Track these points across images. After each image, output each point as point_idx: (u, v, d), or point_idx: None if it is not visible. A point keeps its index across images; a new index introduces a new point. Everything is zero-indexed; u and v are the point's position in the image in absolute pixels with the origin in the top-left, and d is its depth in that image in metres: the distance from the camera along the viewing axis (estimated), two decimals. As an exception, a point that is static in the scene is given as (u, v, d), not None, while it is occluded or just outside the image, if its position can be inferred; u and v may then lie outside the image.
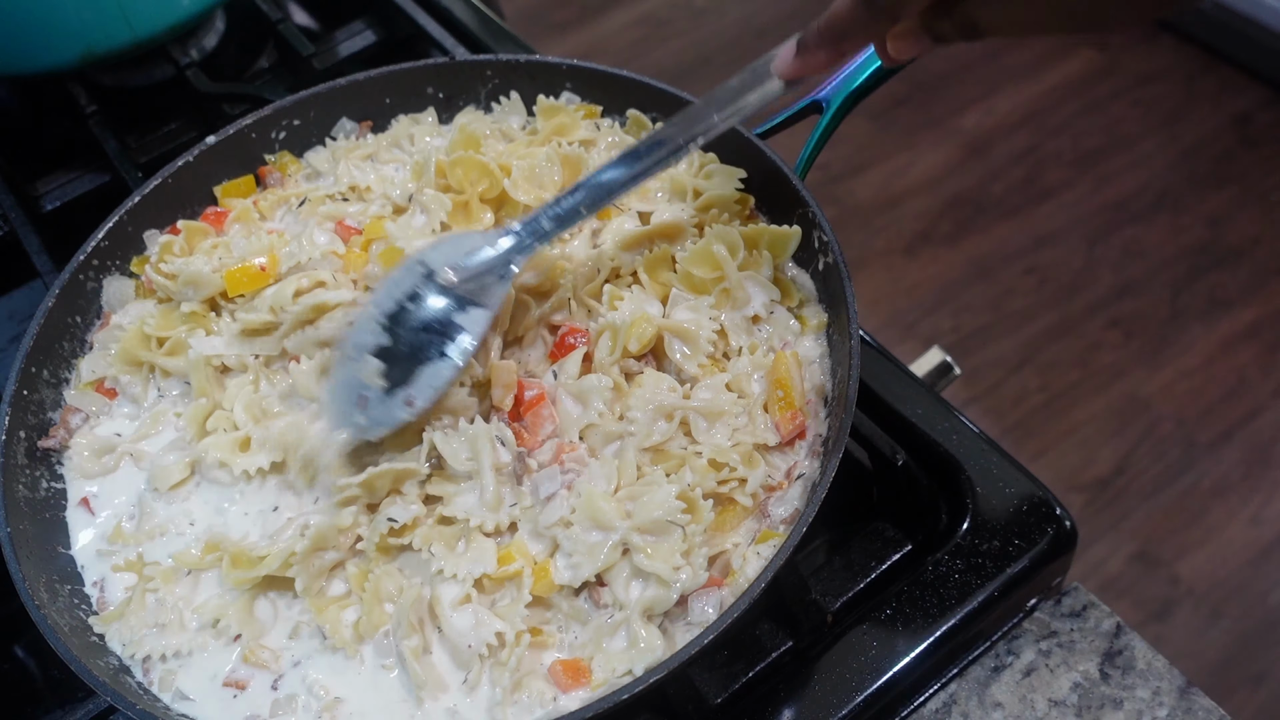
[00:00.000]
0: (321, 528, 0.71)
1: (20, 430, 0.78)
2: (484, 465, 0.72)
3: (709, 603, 0.68)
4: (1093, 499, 2.16)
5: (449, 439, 0.73)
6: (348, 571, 0.73)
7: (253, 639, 0.71)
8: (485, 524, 0.72)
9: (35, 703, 0.87)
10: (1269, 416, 2.25)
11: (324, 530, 0.71)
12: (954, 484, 0.83)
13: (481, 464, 0.72)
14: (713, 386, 0.75)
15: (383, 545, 0.72)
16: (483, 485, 0.72)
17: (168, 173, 0.90)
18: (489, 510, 0.72)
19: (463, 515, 0.72)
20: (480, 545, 0.71)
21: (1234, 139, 2.73)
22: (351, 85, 0.94)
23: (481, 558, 0.70)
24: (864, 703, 0.74)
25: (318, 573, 0.72)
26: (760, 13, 3.12)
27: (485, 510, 0.72)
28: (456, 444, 0.73)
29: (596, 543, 0.69)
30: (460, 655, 0.68)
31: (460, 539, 0.72)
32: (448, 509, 0.72)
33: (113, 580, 0.75)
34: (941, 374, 0.98)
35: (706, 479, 0.72)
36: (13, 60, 1.10)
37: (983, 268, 2.53)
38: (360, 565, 0.73)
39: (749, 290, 0.78)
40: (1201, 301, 2.44)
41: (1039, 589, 0.81)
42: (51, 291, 0.83)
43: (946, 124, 2.80)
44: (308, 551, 0.71)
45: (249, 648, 0.71)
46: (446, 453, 0.73)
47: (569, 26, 3.15)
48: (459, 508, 0.72)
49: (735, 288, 0.78)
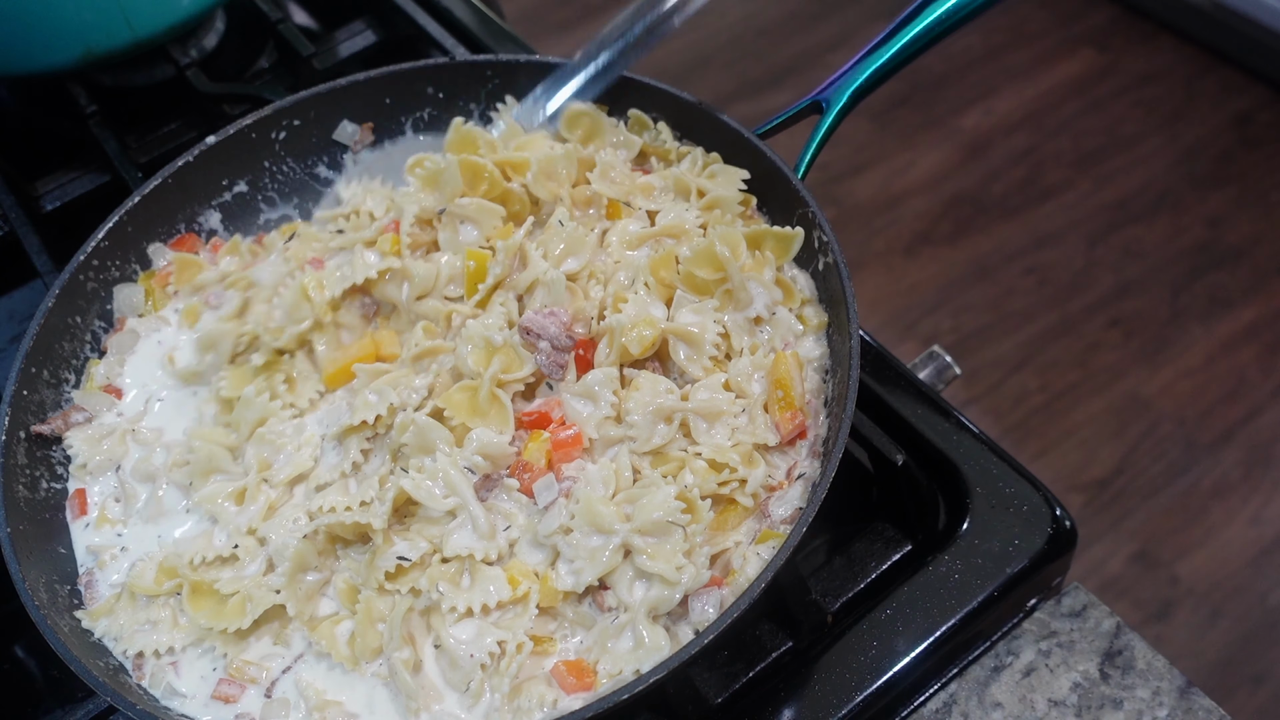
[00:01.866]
0: (299, 550, 0.71)
1: (20, 430, 0.78)
2: (466, 497, 0.71)
3: (709, 603, 0.68)
4: (1093, 499, 2.15)
5: (418, 483, 0.72)
6: (336, 588, 0.73)
7: (236, 655, 0.71)
8: (489, 554, 0.71)
9: (35, 703, 0.87)
10: (1269, 416, 2.25)
11: (301, 551, 0.71)
12: (954, 484, 0.83)
13: (464, 496, 0.71)
14: (710, 386, 0.75)
15: (381, 588, 0.71)
16: (473, 517, 0.71)
17: (168, 173, 0.90)
18: (485, 540, 0.71)
19: (464, 552, 0.71)
20: (485, 574, 0.70)
21: (1234, 139, 2.73)
22: (351, 85, 0.94)
23: (490, 587, 0.70)
24: (864, 703, 0.74)
25: (307, 596, 0.72)
26: (760, 13, 3.12)
27: (482, 541, 0.71)
28: (429, 484, 0.72)
29: (597, 547, 0.69)
30: (461, 665, 0.68)
31: (464, 573, 0.71)
32: (447, 550, 0.71)
33: (99, 576, 0.76)
34: (941, 374, 0.98)
35: (707, 481, 0.72)
36: (13, 60, 1.10)
37: (983, 268, 2.53)
38: (348, 580, 0.72)
39: (751, 291, 0.78)
40: (1201, 301, 2.44)
41: (1039, 589, 0.81)
42: (51, 292, 0.83)
43: (946, 124, 2.80)
44: (291, 574, 0.71)
45: (234, 665, 0.71)
46: (422, 498, 0.72)
47: (569, 26, 3.15)
48: (456, 546, 0.71)
49: (738, 289, 0.78)
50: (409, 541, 0.72)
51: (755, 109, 2.82)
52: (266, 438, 0.77)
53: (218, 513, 0.76)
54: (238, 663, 0.71)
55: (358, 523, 0.72)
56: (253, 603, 0.71)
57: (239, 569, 0.74)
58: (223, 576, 0.73)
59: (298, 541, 0.72)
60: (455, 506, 0.72)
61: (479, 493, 0.73)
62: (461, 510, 0.72)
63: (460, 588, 0.70)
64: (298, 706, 0.69)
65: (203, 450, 0.77)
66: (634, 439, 0.74)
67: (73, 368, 0.84)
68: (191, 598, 0.72)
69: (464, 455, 0.73)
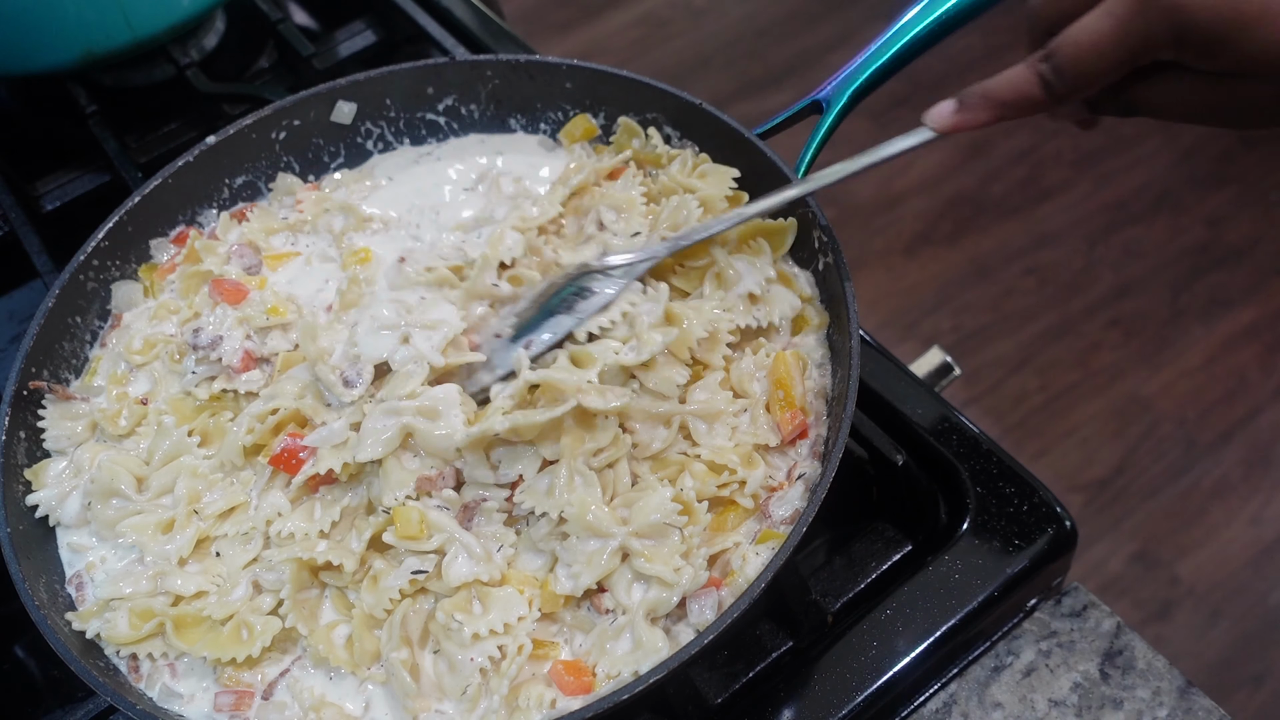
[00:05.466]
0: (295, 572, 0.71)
1: (20, 430, 0.78)
2: (453, 531, 0.71)
3: (708, 604, 0.68)
4: (1093, 499, 2.15)
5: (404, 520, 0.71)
6: (330, 596, 0.73)
7: (230, 665, 0.70)
8: (492, 576, 0.70)
9: (35, 703, 0.87)
10: (1269, 416, 2.25)
11: (294, 571, 0.71)
12: (954, 484, 0.83)
13: (451, 531, 0.71)
14: (708, 387, 0.75)
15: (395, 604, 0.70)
16: (466, 546, 0.70)
17: (168, 173, 0.90)
18: (483, 564, 0.70)
19: (468, 579, 0.69)
20: (495, 597, 0.69)
21: (1234, 139, 2.72)
22: (351, 85, 0.94)
23: (506, 607, 0.69)
24: (864, 703, 0.74)
25: (311, 611, 0.72)
26: (760, 13, 3.12)
27: (480, 566, 0.70)
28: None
29: (595, 550, 0.69)
30: (461, 670, 0.67)
31: (473, 600, 0.70)
32: (448, 581, 0.70)
33: (87, 577, 0.75)
34: (941, 374, 0.98)
35: (707, 484, 0.71)
36: (13, 60, 1.10)
37: (983, 268, 2.52)
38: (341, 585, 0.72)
39: (738, 268, 0.79)
40: (1201, 301, 2.44)
41: (1039, 589, 0.81)
42: (51, 292, 0.82)
43: (946, 124, 2.80)
44: (293, 595, 0.70)
45: (228, 676, 0.70)
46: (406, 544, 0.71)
47: (569, 26, 3.15)
48: (456, 576, 0.69)
49: (724, 266, 0.78)
50: (418, 556, 0.71)
51: (755, 109, 2.82)
52: (199, 471, 0.76)
53: (143, 543, 0.73)
54: (231, 674, 0.70)
55: (329, 561, 0.71)
56: (251, 631, 0.70)
57: (221, 594, 0.72)
58: (208, 604, 0.71)
59: (291, 563, 0.71)
60: (443, 543, 0.71)
61: (462, 523, 0.72)
62: (451, 544, 0.71)
63: (474, 614, 0.68)
64: (294, 710, 0.69)
65: (107, 470, 0.75)
66: (635, 446, 0.73)
67: (73, 368, 0.84)
68: (178, 632, 0.70)
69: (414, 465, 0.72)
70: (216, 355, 0.79)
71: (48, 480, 0.77)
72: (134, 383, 0.83)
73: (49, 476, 0.77)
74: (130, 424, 0.80)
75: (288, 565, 0.71)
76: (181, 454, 0.77)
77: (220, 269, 0.86)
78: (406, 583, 0.69)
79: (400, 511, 0.71)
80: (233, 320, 0.81)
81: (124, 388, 0.82)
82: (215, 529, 0.75)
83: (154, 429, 0.79)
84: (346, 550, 0.72)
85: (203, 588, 0.72)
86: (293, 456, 0.74)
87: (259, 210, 0.93)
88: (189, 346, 0.80)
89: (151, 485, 0.76)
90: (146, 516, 0.74)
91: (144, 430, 0.80)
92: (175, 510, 0.75)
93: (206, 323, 0.81)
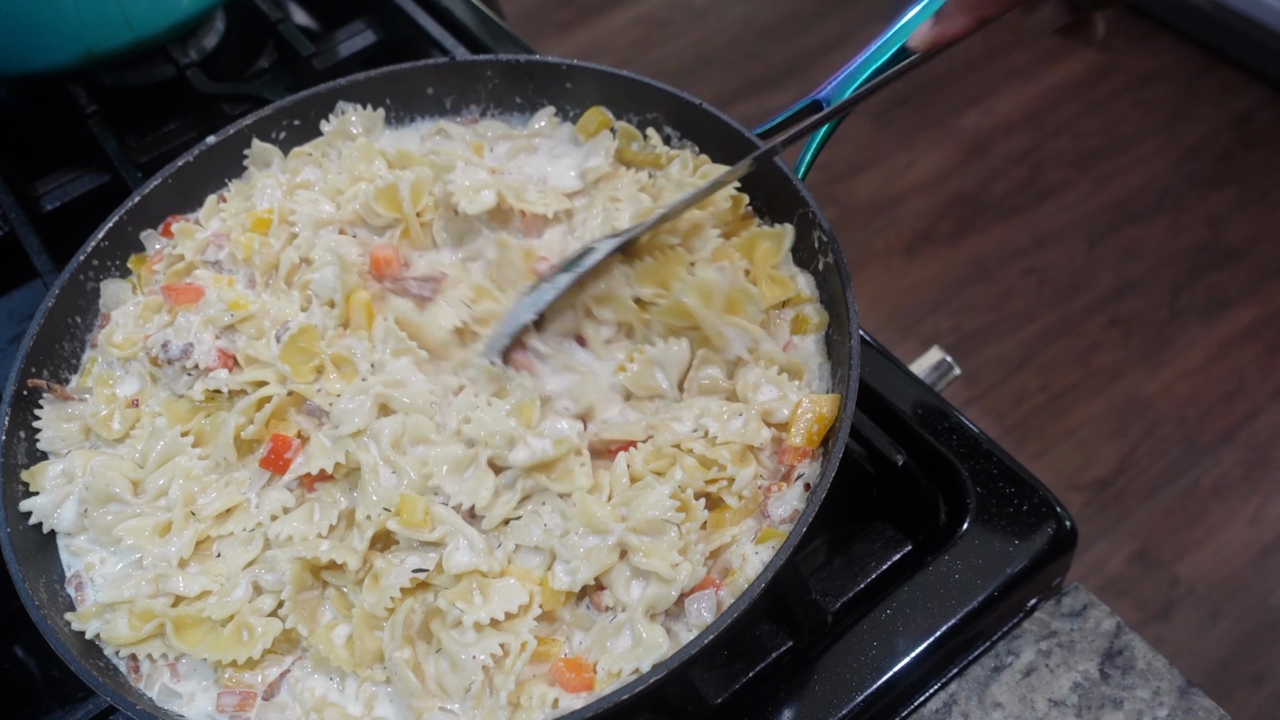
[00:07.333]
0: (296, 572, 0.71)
1: (20, 430, 0.78)
2: (455, 524, 0.71)
3: (707, 604, 0.68)
4: (1093, 499, 2.15)
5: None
6: (330, 596, 0.72)
7: (230, 667, 0.70)
8: (493, 568, 0.71)
9: (35, 703, 0.87)
10: (1269, 417, 2.25)
11: (296, 572, 0.71)
12: (954, 484, 0.83)
13: (453, 524, 0.71)
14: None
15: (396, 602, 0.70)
16: (468, 538, 0.71)
17: (168, 173, 0.90)
18: (485, 556, 0.71)
19: (468, 569, 0.70)
20: (495, 587, 0.70)
21: (1234, 139, 2.72)
22: (351, 85, 0.94)
23: (506, 596, 0.69)
24: (864, 703, 0.74)
25: (311, 612, 0.72)
26: (760, 13, 3.12)
27: (482, 557, 0.70)
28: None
29: (593, 547, 0.69)
30: (463, 668, 0.67)
31: (474, 590, 0.70)
32: (450, 569, 0.70)
33: (86, 577, 0.75)
34: (941, 374, 0.98)
35: (694, 477, 0.71)
36: (13, 60, 1.10)
37: (983, 268, 2.52)
38: (342, 585, 0.72)
39: (727, 335, 0.77)
40: (1201, 301, 2.44)
41: (1039, 589, 0.81)
42: (51, 292, 0.82)
43: (946, 124, 2.80)
44: (294, 595, 0.70)
45: (229, 677, 0.70)
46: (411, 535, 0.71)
47: (569, 26, 3.15)
48: (458, 565, 0.70)
49: (715, 335, 0.77)
50: (418, 555, 0.71)
51: (755, 109, 2.82)
52: (193, 473, 0.76)
53: (141, 546, 0.74)
54: (232, 675, 0.70)
55: (332, 560, 0.71)
56: (253, 633, 0.70)
57: (222, 594, 0.72)
58: (208, 604, 0.71)
59: (294, 563, 0.71)
60: (445, 534, 0.71)
61: (467, 520, 0.72)
62: (453, 535, 0.71)
63: (475, 604, 0.69)
64: (296, 711, 0.69)
65: (101, 476, 0.75)
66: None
67: (72, 368, 0.84)
68: (179, 633, 0.70)
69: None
70: (192, 362, 0.79)
71: (45, 484, 0.77)
72: (122, 384, 0.83)
73: (47, 479, 0.77)
74: (124, 428, 0.80)
75: (289, 565, 0.71)
76: (175, 455, 0.77)
77: (196, 256, 0.86)
78: (408, 581, 0.70)
79: (406, 499, 0.71)
80: (198, 325, 0.81)
81: (112, 389, 0.82)
82: (216, 529, 0.75)
83: (148, 431, 0.79)
84: (349, 549, 0.72)
85: (206, 588, 0.72)
86: (279, 456, 0.75)
87: (236, 185, 0.93)
88: (163, 361, 0.80)
89: (147, 488, 0.76)
90: (144, 519, 0.74)
91: (138, 433, 0.80)
92: (172, 513, 0.75)
93: (171, 334, 0.81)
